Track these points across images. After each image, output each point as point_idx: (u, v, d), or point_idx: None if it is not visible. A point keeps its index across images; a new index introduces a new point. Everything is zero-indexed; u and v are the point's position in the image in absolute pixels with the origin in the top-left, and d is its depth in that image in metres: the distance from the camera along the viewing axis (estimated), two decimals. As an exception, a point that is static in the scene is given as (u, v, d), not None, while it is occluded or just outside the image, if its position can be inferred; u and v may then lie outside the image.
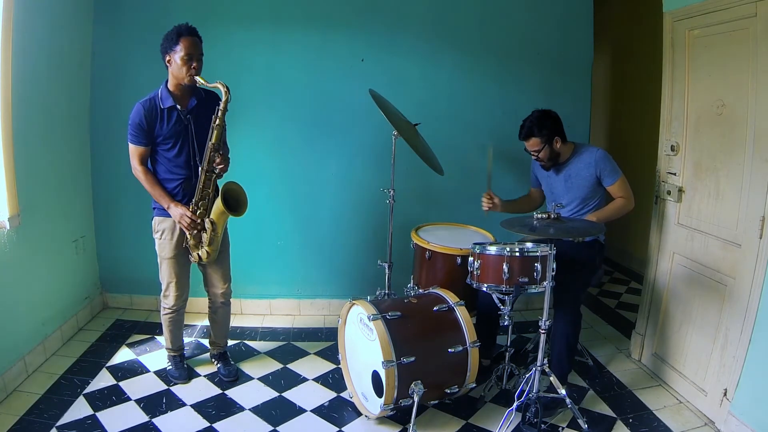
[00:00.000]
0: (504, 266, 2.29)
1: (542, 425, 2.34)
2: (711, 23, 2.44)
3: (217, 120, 2.38)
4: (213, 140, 2.40)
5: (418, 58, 3.43)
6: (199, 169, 2.45)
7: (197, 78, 2.35)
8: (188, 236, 2.50)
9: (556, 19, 3.51)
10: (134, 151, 2.43)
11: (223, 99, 2.36)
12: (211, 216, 2.47)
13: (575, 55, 3.56)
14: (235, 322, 3.44)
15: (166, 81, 2.44)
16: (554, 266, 2.27)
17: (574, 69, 3.57)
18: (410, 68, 3.44)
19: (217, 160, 2.43)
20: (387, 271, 2.98)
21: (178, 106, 2.43)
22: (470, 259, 2.44)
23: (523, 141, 2.74)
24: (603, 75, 5.15)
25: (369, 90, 2.83)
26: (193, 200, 2.47)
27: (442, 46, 3.44)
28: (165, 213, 2.50)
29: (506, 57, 3.50)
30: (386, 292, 2.96)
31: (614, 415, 2.51)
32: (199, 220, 2.47)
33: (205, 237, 2.50)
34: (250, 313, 3.61)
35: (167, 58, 2.38)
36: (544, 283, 2.28)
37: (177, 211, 2.44)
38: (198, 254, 2.55)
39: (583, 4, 3.53)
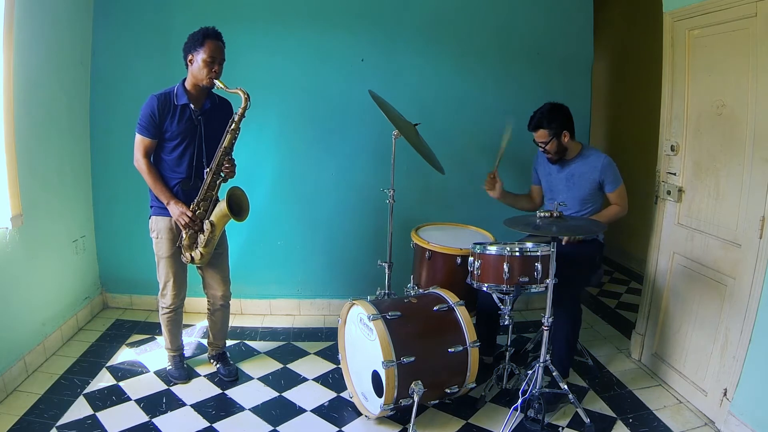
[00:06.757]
0: (504, 266, 2.29)
1: (545, 421, 2.34)
2: (711, 23, 2.44)
3: (233, 125, 2.40)
4: (225, 144, 2.42)
5: (418, 57, 3.43)
6: (205, 171, 2.46)
7: (216, 81, 2.37)
8: (184, 235, 2.49)
9: (556, 19, 3.51)
10: (140, 142, 2.42)
11: (242, 105, 2.37)
12: (212, 218, 2.47)
13: (575, 55, 3.56)
14: (235, 322, 3.44)
15: (184, 79, 2.45)
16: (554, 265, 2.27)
17: (574, 69, 3.57)
18: (410, 68, 3.44)
19: (226, 165, 2.45)
20: (387, 271, 2.98)
21: (192, 105, 2.43)
22: (470, 259, 2.44)
23: (532, 132, 2.75)
24: (603, 75, 5.15)
25: (369, 91, 2.83)
26: (195, 200, 2.47)
27: (442, 46, 3.44)
28: (162, 212, 2.50)
29: (506, 57, 3.50)
30: (386, 292, 2.96)
31: (614, 415, 2.51)
32: (197, 220, 2.47)
33: (201, 238, 2.49)
34: (250, 313, 3.61)
35: (189, 58, 2.39)
36: (545, 282, 2.28)
37: (176, 209, 2.44)
38: (191, 255, 2.53)
39: (583, 4, 3.53)
